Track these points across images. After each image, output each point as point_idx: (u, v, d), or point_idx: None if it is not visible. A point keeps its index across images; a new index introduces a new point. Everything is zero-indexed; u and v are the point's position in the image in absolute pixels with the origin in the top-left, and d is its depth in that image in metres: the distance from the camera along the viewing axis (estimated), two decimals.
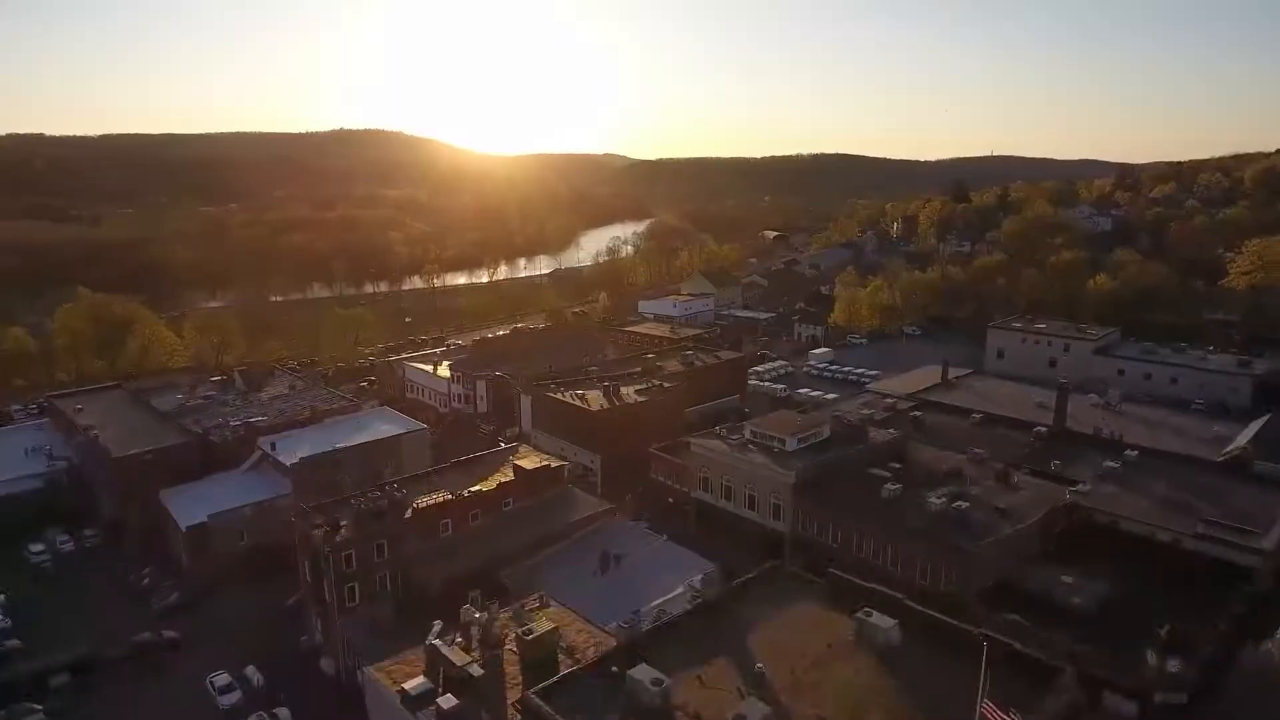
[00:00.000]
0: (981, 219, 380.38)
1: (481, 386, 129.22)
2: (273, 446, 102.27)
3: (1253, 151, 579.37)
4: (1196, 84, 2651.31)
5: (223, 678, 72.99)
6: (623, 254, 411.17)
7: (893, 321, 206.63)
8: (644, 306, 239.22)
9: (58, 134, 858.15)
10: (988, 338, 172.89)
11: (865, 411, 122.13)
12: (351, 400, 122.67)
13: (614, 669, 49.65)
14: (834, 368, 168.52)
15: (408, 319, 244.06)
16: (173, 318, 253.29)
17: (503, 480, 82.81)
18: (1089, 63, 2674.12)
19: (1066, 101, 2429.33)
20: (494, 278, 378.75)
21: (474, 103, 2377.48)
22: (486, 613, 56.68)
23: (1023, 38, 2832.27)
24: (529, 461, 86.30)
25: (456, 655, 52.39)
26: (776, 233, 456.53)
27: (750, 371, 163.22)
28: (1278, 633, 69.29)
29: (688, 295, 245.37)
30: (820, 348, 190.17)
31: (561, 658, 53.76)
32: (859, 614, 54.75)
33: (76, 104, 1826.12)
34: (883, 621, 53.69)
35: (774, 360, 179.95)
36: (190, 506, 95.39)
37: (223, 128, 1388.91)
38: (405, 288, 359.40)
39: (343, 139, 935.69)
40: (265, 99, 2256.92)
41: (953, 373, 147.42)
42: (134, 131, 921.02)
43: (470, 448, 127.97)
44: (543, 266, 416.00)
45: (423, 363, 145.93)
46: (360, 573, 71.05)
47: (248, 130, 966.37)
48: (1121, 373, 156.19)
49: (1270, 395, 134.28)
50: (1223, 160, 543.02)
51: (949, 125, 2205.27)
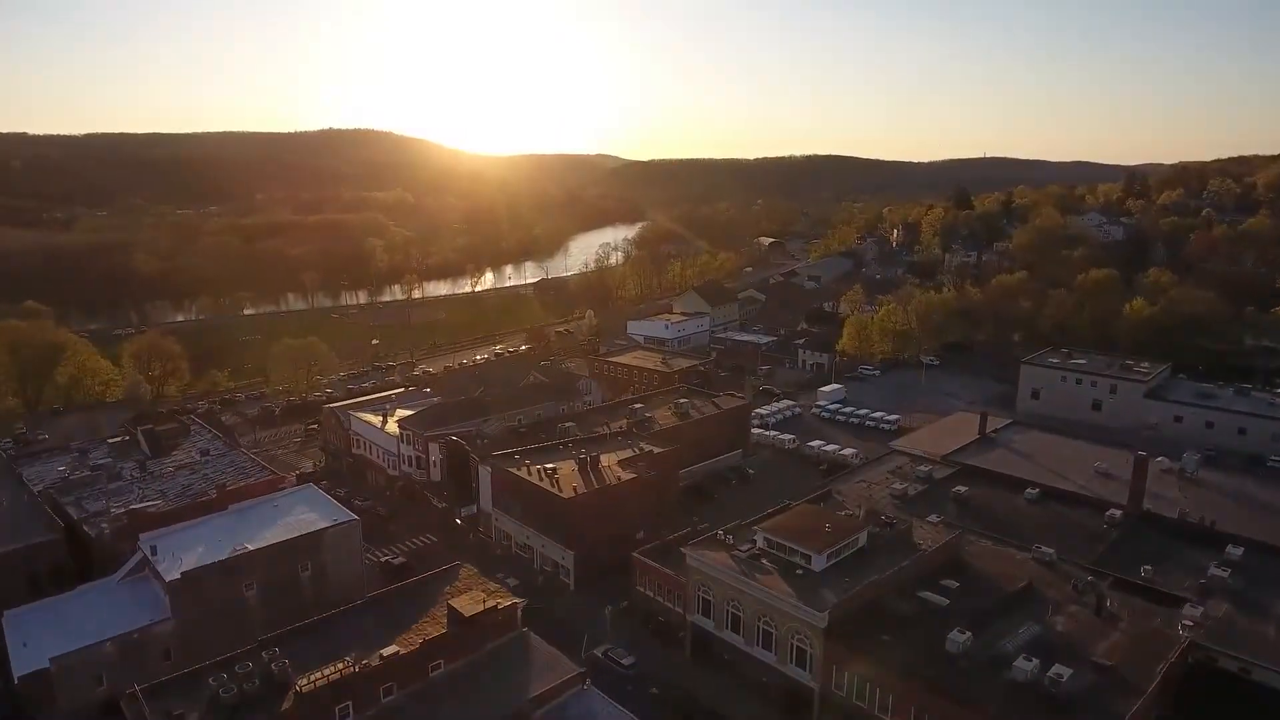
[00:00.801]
0: (986, 226, 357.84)
1: (435, 450, 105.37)
2: (153, 550, 78.03)
3: (1249, 154, 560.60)
4: (1190, 85, 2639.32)
5: None
6: (612, 261, 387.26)
7: (907, 349, 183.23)
8: (633, 328, 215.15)
9: (41, 133, 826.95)
10: (1021, 375, 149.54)
11: (897, 486, 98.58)
12: (271, 473, 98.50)
13: None
14: (847, 410, 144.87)
15: (375, 340, 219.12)
16: (123, 337, 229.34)
17: (430, 636, 59.02)
18: (1082, 64, 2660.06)
19: (1059, 103, 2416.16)
20: (477, 288, 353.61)
21: (465, 102, 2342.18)
22: None
23: (1015, 39, 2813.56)
24: (469, 601, 62.48)
25: None
26: (772, 239, 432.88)
27: (753, 413, 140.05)
28: None
29: (680, 315, 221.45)
30: (828, 379, 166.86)
31: None
32: None
33: (63, 103, 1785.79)
34: None
35: (778, 398, 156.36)
36: (35, 638, 71.04)
37: (210, 127, 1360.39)
38: (384, 299, 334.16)
39: (332, 139, 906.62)
40: (254, 98, 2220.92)
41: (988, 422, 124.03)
42: (119, 131, 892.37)
43: (421, 526, 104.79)
44: (530, 274, 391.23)
45: (372, 412, 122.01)
46: None
47: (236, 130, 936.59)
48: (1179, 419, 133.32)
49: None
50: (1222, 163, 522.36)
51: (941, 126, 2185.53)
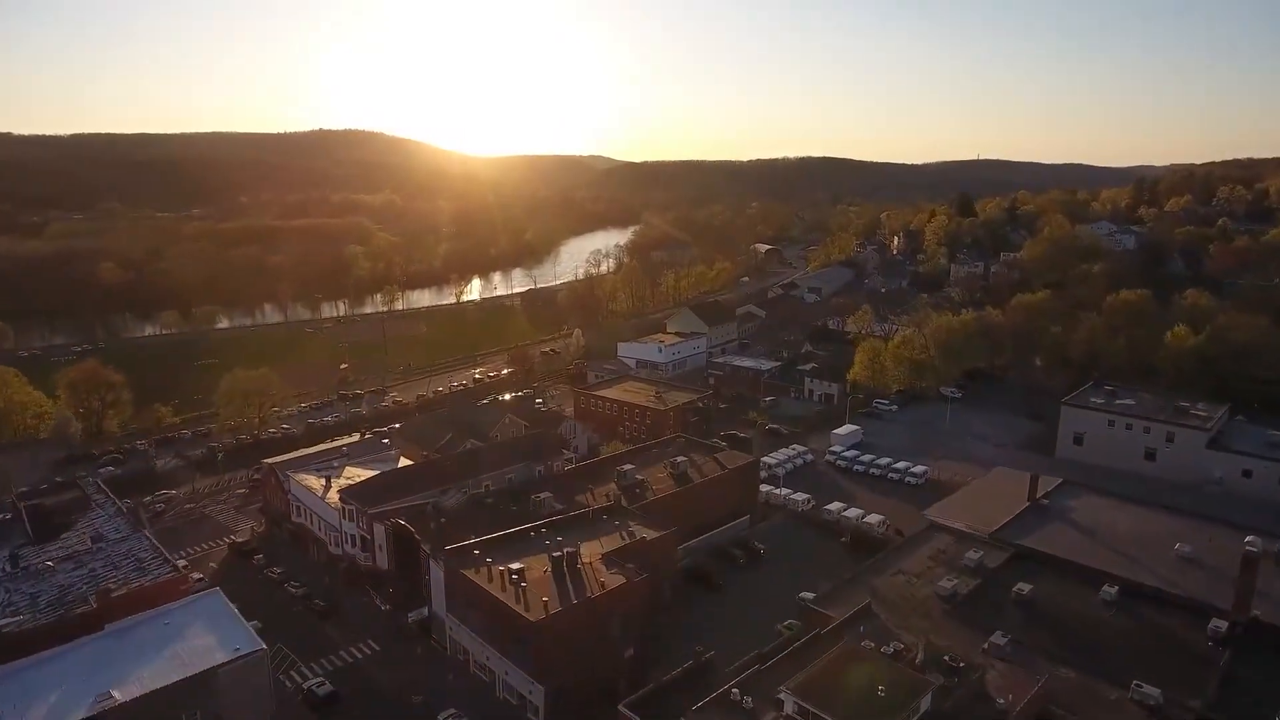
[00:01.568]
0: (990, 235, 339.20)
1: (380, 533, 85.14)
2: None
3: (1247, 156, 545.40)
4: (1185, 87, 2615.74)
5: None
6: (604, 269, 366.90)
7: (924, 378, 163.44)
8: (624, 350, 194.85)
9: (26, 133, 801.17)
10: (1061, 417, 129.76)
11: (945, 584, 78.45)
12: (172, 569, 77.82)
13: None
14: (866, 458, 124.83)
15: (343, 365, 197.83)
16: (75, 357, 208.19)
17: None
18: (1074, 66, 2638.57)
19: (1052, 105, 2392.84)
20: (462, 298, 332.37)
21: (457, 103, 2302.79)
22: None
23: (1007, 40, 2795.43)
24: None
25: None
26: (768, 246, 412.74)
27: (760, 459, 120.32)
28: None
29: (675, 336, 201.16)
30: (839, 415, 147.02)
31: None
32: None
33: (52, 103, 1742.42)
34: None
35: (785, 440, 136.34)
36: None
37: (200, 127, 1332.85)
38: (365, 310, 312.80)
39: (323, 139, 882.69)
40: (246, 98, 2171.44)
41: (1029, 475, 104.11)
42: (106, 131, 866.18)
43: (365, 626, 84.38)
44: (519, 282, 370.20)
45: (315, 473, 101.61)
46: None
47: (224, 130, 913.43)
48: (1248, 474, 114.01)
49: None
50: (1226, 165, 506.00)
51: (934, 128, 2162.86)
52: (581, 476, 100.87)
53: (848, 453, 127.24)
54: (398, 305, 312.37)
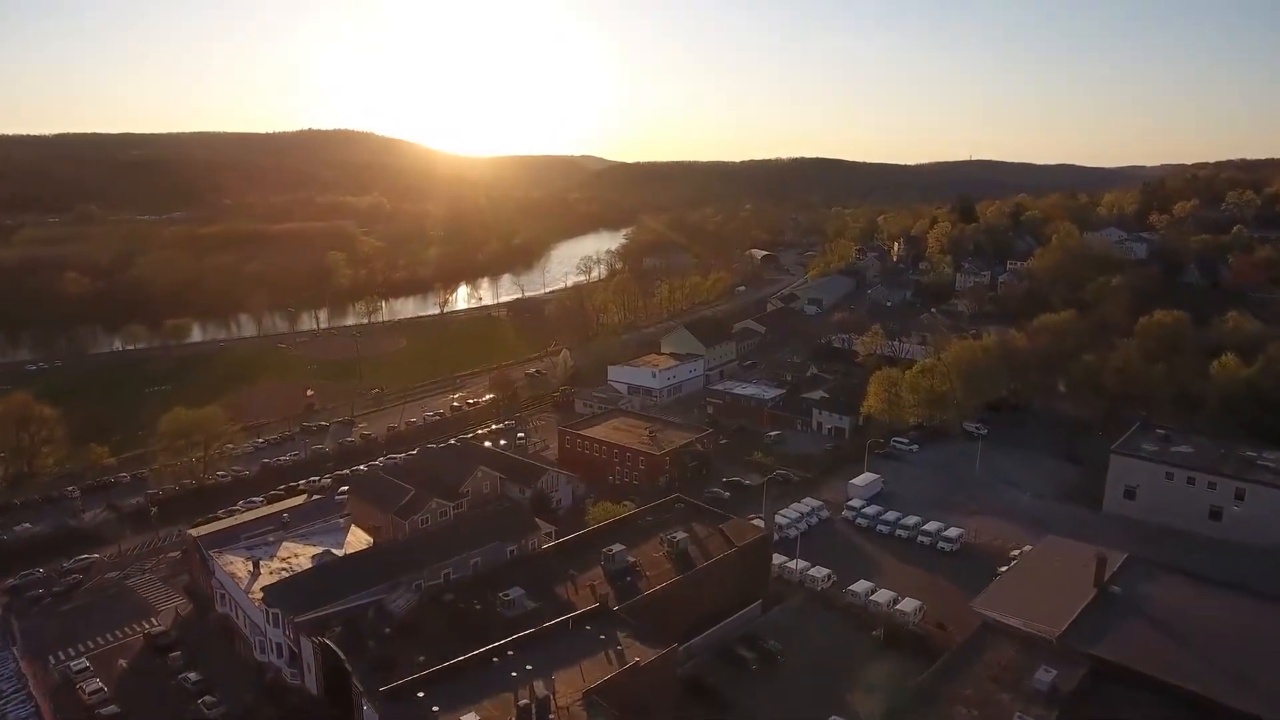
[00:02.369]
0: (994, 241, 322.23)
1: (309, 651, 67.37)
2: None
3: (1243, 157, 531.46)
4: (1179, 87, 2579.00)
5: None
6: (594, 275, 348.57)
7: (945, 411, 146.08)
8: (615, 374, 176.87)
9: (10, 133, 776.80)
10: (1110, 467, 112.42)
11: None
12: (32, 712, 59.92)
13: None
14: (890, 517, 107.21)
15: (310, 391, 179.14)
16: (34, 374, 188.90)
17: None
18: (1067, 67, 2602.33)
19: (1045, 106, 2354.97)
20: (447, 308, 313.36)
21: (449, 103, 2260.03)
22: None
23: (1000, 41, 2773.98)
24: None
25: None
26: (765, 252, 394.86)
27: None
28: None
29: (669, 358, 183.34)
30: (851, 454, 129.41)
31: None
32: None
33: (37, 102, 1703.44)
34: None
35: (795, 490, 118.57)
36: None
37: (187, 128, 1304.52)
38: (346, 321, 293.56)
39: (311, 140, 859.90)
40: (233, 98, 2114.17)
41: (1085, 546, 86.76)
42: (91, 131, 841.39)
43: None
44: (506, 289, 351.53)
45: (244, 552, 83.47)
46: None
47: (212, 130, 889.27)
48: None
49: None
50: (1229, 167, 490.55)
51: (928, 129, 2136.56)
52: (562, 558, 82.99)
53: (868, 509, 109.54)
54: (379, 316, 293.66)
